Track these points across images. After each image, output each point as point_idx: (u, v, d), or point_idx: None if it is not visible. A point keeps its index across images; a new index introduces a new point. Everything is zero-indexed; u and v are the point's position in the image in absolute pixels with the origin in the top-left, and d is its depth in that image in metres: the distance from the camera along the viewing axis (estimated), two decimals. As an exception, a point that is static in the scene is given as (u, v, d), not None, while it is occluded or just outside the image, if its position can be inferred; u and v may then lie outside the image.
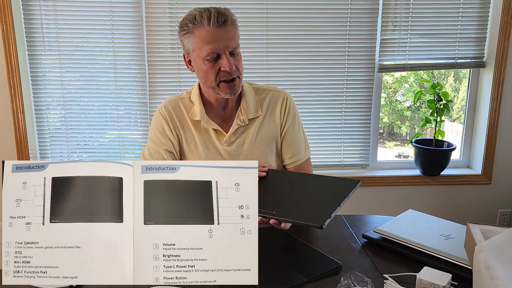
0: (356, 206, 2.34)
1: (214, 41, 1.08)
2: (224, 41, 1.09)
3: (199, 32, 1.09)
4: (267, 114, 1.26)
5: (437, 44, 2.26)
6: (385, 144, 3.61)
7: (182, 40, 1.15)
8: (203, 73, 1.14)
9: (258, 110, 1.25)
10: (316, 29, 2.20)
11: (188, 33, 1.11)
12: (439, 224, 1.07)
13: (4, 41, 2.07)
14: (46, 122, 2.27)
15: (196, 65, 1.16)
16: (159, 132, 1.23)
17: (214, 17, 1.07)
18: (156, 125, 1.25)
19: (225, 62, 1.10)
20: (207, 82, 1.15)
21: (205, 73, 1.14)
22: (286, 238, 1.03)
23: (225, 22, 1.09)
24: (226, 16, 1.09)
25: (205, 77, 1.15)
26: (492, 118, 2.30)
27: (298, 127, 1.30)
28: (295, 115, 1.29)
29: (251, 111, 1.23)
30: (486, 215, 2.43)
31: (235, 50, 1.13)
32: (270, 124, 1.26)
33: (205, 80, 1.15)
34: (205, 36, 1.09)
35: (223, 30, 1.09)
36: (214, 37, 1.09)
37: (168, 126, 1.23)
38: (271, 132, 1.26)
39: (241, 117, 1.22)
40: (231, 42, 1.11)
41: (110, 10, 2.13)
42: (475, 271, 0.72)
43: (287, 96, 1.29)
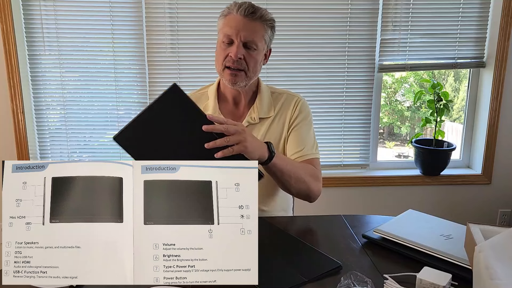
0: (356, 206, 2.34)
1: (233, 27, 1.13)
2: (242, 30, 1.13)
3: (228, 17, 1.15)
4: (278, 116, 1.27)
5: (437, 44, 2.27)
6: (385, 144, 3.61)
7: (218, 20, 1.20)
8: (216, 56, 1.19)
9: (270, 111, 1.26)
10: (316, 29, 2.20)
11: (222, 16, 1.18)
12: (439, 224, 1.07)
13: (4, 41, 2.07)
14: (46, 122, 2.27)
15: (217, 45, 1.20)
16: None
17: (243, 7, 1.13)
18: None
19: (233, 49, 1.13)
20: (217, 65, 1.19)
21: (217, 55, 1.18)
22: (286, 238, 1.03)
23: (252, 15, 1.13)
24: (256, 10, 1.14)
25: (216, 59, 1.19)
26: (492, 118, 2.30)
27: (307, 127, 1.28)
28: (306, 117, 1.28)
29: (263, 110, 1.25)
30: (486, 215, 2.43)
31: (251, 44, 1.15)
32: (279, 125, 1.26)
33: (216, 64, 1.20)
34: (229, 20, 1.15)
35: (246, 21, 1.13)
36: (234, 23, 1.13)
37: None
38: (279, 134, 1.26)
39: (252, 115, 1.24)
40: (249, 34, 1.13)
41: (110, 10, 2.13)
42: (475, 271, 0.72)
43: (300, 99, 1.30)
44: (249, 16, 1.13)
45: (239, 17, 1.13)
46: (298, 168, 1.15)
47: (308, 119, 1.29)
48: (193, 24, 2.16)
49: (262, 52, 1.19)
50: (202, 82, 2.16)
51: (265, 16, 1.16)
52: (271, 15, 1.19)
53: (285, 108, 1.28)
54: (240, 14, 1.13)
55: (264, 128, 1.25)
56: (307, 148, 1.25)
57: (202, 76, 2.20)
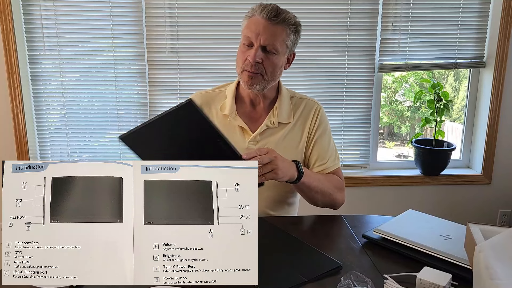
0: (356, 206, 2.34)
1: (253, 29, 1.12)
2: (262, 33, 1.11)
3: (251, 19, 1.14)
4: (298, 123, 1.25)
5: (437, 44, 2.27)
6: (385, 144, 3.61)
7: (242, 22, 1.19)
8: (237, 57, 1.18)
9: (290, 117, 1.25)
10: (316, 29, 2.20)
11: (246, 18, 1.17)
12: (439, 224, 1.07)
13: (4, 41, 2.07)
14: (46, 122, 2.27)
15: (239, 46, 1.19)
16: None
17: (266, 9, 1.11)
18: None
19: (251, 52, 1.12)
20: (237, 67, 1.19)
21: (238, 57, 1.18)
22: (286, 238, 1.03)
23: (274, 18, 1.11)
24: (279, 14, 1.12)
25: (237, 61, 1.18)
26: (492, 118, 2.30)
27: (328, 138, 1.29)
28: (326, 127, 1.28)
29: (283, 116, 1.23)
30: (486, 215, 2.43)
31: (271, 48, 1.13)
32: (298, 133, 1.25)
33: (236, 65, 1.19)
34: (252, 22, 1.14)
35: (268, 24, 1.11)
36: (255, 25, 1.12)
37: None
38: (297, 142, 1.25)
39: (272, 118, 1.22)
40: (269, 38, 1.11)
41: (110, 10, 2.13)
42: (475, 271, 0.72)
43: (320, 107, 1.29)
44: (272, 19, 1.11)
45: (261, 19, 1.11)
46: (325, 182, 1.18)
47: (328, 130, 1.29)
48: (193, 24, 2.16)
49: (283, 56, 1.17)
50: (202, 82, 2.17)
51: (288, 20, 1.13)
52: (296, 19, 1.17)
53: (305, 116, 1.26)
54: (263, 17, 1.11)
55: (282, 134, 1.23)
56: (331, 160, 1.27)
57: (202, 76, 2.20)
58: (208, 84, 2.18)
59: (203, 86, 1.33)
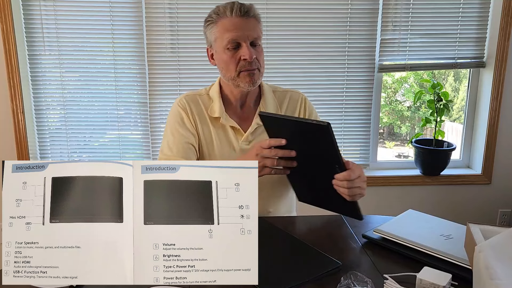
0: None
1: (235, 29, 1.11)
2: (245, 30, 1.12)
3: (222, 22, 1.13)
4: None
5: (437, 44, 2.27)
6: (385, 144, 3.61)
7: (206, 32, 1.18)
8: (224, 64, 1.16)
9: (277, 111, 1.26)
10: (316, 29, 2.20)
11: (211, 24, 1.16)
12: (439, 224, 1.06)
13: (4, 41, 2.07)
14: (46, 122, 2.27)
15: (218, 56, 1.17)
16: (178, 123, 1.21)
17: (237, 7, 1.12)
18: (175, 118, 1.23)
19: (245, 51, 1.12)
20: (227, 73, 1.16)
21: (226, 63, 1.15)
22: (286, 238, 1.03)
23: (247, 13, 1.12)
24: (249, 8, 1.13)
25: (225, 67, 1.16)
26: (492, 118, 2.30)
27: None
28: (313, 112, 1.31)
29: (270, 111, 1.24)
30: (486, 215, 2.43)
31: (256, 41, 1.14)
32: None
33: (226, 71, 1.16)
34: (227, 24, 1.12)
35: (244, 20, 1.12)
36: (235, 26, 1.12)
37: (188, 118, 1.22)
38: None
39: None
40: (252, 32, 1.13)
41: (110, 10, 2.13)
42: (475, 271, 0.72)
43: (304, 97, 1.32)
44: (246, 15, 1.13)
45: (236, 19, 1.12)
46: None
47: (316, 114, 1.33)
48: (193, 24, 2.16)
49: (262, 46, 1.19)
50: (202, 81, 2.17)
51: (255, 11, 1.16)
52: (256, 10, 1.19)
53: (292, 108, 1.29)
54: (236, 15, 1.12)
55: None
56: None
57: (202, 76, 2.20)
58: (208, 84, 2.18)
59: (203, 86, 1.32)
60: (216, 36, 1.15)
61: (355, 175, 0.97)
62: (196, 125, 1.22)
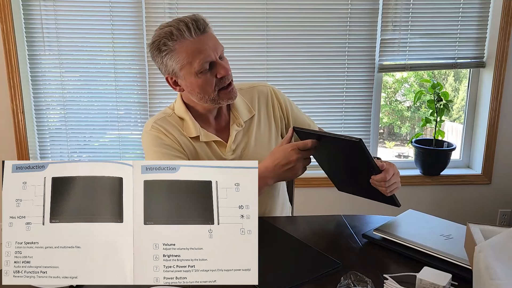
0: (356, 206, 2.34)
1: (203, 51, 1.02)
2: (212, 47, 1.04)
3: (182, 46, 1.02)
4: (261, 111, 1.23)
5: (437, 44, 2.27)
6: (385, 144, 3.61)
7: (163, 62, 1.06)
8: (199, 88, 1.07)
9: (250, 110, 1.21)
10: (316, 29, 2.20)
11: (169, 53, 1.03)
12: (439, 224, 1.07)
13: (4, 41, 2.07)
14: (46, 122, 2.27)
15: (187, 82, 1.07)
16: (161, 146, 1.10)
17: (193, 25, 1.01)
18: (153, 142, 1.11)
19: (221, 69, 1.05)
20: (205, 95, 1.08)
21: (202, 87, 1.06)
22: (286, 238, 1.03)
23: (205, 28, 1.04)
24: (203, 21, 1.04)
25: (202, 91, 1.07)
26: (492, 118, 2.30)
27: (295, 107, 1.32)
28: (286, 101, 1.29)
29: (244, 113, 1.19)
30: (486, 215, 2.43)
31: (222, 53, 1.08)
32: (266, 120, 1.24)
33: (203, 95, 1.08)
34: (192, 48, 1.02)
35: (207, 37, 1.04)
36: (201, 47, 1.02)
37: (169, 139, 1.12)
38: (268, 129, 1.24)
39: (236, 121, 1.18)
40: (218, 46, 1.06)
41: (110, 10, 2.13)
42: (475, 271, 0.72)
43: (272, 87, 1.28)
44: (205, 31, 1.03)
45: (198, 38, 1.02)
46: None
47: (289, 102, 1.30)
48: (193, 24, 2.16)
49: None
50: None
51: (206, 21, 1.06)
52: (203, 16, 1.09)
53: (264, 103, 1.24)
54: (197, 35, 1.02)
55: (253, 129, 1.20)
56: (310, 123, 1.32)
57: (202, 76, 2.20)
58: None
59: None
60: (182, 64, 1.04)
61: (389, 175, 1.01)
62: (180, 144, 1.13)
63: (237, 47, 2.20)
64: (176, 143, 1.13)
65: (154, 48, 1.05)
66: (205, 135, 1.15)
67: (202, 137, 1.14)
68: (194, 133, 1.13)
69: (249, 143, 1.20)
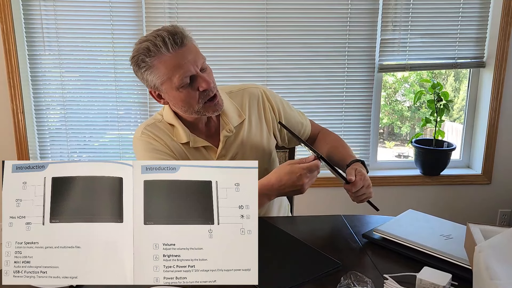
0: (356, 206, 2.34)
1: (183, 65, 1.00)
2: (191, 60, 1.01)
3: (161, 62, 1.00)
4: (252, 115, 1.21)
5: (437, 44, 2.27)
6: (385, 144, 3.61)
7: (144, 77, 1.05)
8: (182, 102, 1.06)
9: (240, 115, 1.19)
10: (316, 29, 2.20)
11: (148, 69, 1.02)
12: (439, 224, 1.07)
13: (4, 41, 2.07)
14: (46, 122, 2.27)
15: (170, 96, 1.06)
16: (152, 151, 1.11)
17: (170, 40, 0.98)
18: (145, 148, 1.12)
19: (202, 82, 1.03)
20: (189, 109, 1.07)
21: (184, 101, 1.05)
22: (286, 238, 1.03)
23: (183, 41, 1.00)
24: (181, 33, 1.01)
25: (185, 105, 1.06)
26: (492, 118, 2.30)
27: (288, 106, 1.29)
28: (280, 100, 1.27)
29: (234, 118, 1.17)
30: (486, 215, 2.43)
31: (204, 65, 1.05)
32: (258, 124, 1.21)
33: (187, 108, 1.07)
34: (170, 63, 1.00)
35: (185, 50, 1.01)
36: (180, 61, 1.00)
37: (161, 144, 1.12)
38: (262, 133, 1.22)
39: (226, 127, 1.15)
40: (198, 58, 1.03)
41: (110, 10, 2.13)
42: (475, 271, 0.72)
43: (263, 89, 1.25)
44: (183, 44, 1.00)
45: (176, 52, 0.99)
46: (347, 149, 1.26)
47: (282, 101, 1.28)
48: (193, 24, 2.16)
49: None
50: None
51: (185, 32, 1.03)
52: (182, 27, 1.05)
53: (255, 105, 1.21)
54: (174, 49, 0.99)
55: (243, 134, 1.18)
56: (304, 123, 1.33)
57: (202, 76, 2.20)
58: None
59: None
60: (162, 80, 1.02)
61: (356, 188, 1.06)
62: (171, 149, 1.13)
63: (237, 47, 2.20)
64: (167, 148, 1.12)
65: (134, 63, 1.04)
66: (195, 140, 1.14)
67: (192, 142, 1.13)
68: (185, 139, 1.12)
69: (240, 148, 1.18)
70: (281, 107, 1.26)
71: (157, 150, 1.11)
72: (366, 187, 1.08)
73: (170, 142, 1.13)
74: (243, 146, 1.18)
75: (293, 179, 0.98)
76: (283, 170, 1.00)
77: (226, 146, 1.16)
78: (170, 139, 1.14)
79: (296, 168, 0.98)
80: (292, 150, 1.51)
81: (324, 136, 1.36)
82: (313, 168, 0.98)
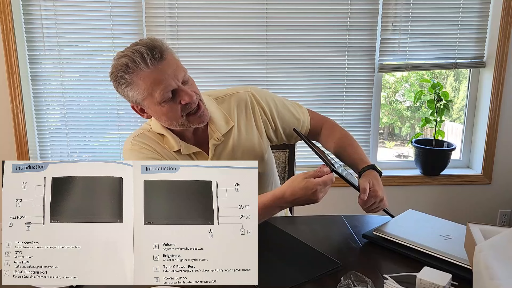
0: (356, 206, 2.34)
1: (162, 80, 0.97)
2: (171, 75, 0.98)
3: (140, 78, 0.97)
4: (241, 120, 1.17)
5: (437, 44, 2.27)
6: (385, 144, 3.61)
7: (124, 93, 1.03)
8: (165, 116, 1.04)
9: (228, 122, 1.15)
10: (316, 29, 2.20)
11: (128, 85, 1.00)
12: (439, 224, 1.07)
13: (4, 41, 2.07)
14: (46, 122, 2.27)
15: (153, 111, 1.04)
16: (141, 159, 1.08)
17: (149, 55, 0.95)
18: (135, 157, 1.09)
19: (184, 96, 1.00)
20: (173, 122, 1.05)
21: (167, 115, 1.03)
22: (286, 238, 1.03)
23: (162, 54, 0.97)
24: (160, 47, 0.98)
25: (169, 119, 1.04)
26: (492, 118, 2.30)
27: (281, 103, 1.24)
28: (270, 99, 1.22)
29: (222, 126, 1.14)
30: (486, 215, 2.43)
31: (185, 77, 1.02)
32: (249, 128, 1.18)
33: (171, 121, 1.05)
34: (150, 79, 0.97)
35: (165, 64, 0.98)
36: (161, 76, 0.97)
37: (153, 152, 1.10)
38: (254, 137, 1.18)
39: (214, 135, 1.13)
40: (179, 71, 1.00)
41: (110, 10, 2.13)
42: (475, 271, 0.72)
43: (251, 92, 1.20)
44: (162, 58, 0.97)
45: (155, 68, 0.96)
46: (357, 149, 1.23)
47: (274, 98, 1.23)
48: (193, 24, 2.16)
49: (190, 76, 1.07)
50: (202, 81, 2.17)
51: (165, 45, 1.00)
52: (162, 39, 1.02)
53: (242, 110, 1.18)
54: (153, 64, 0.96)
55: (233, 140, 1.15)
56: (299, 118, 1.25)
57: (201, 76, 2.20)
58: (208, 84, 2.18)
59: (203, 86, 1.31)
60: (143, 96, 1.00)
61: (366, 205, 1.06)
62: (163, 156, 1.11)
63: (237, 47, 2.20)
64: (159, 155, 1.11)
65: (113, 79, 1.03)
66: (187, 147, 1.12)
67: (183, 150, 1.11)
68: (176, 147, 1.11)
69: (231, 154, 1.15)
70: (273, 108, 1.21)
71: (149, 157, 1.09)
72: (378, 202, 1.06)
73: (161, 149, 1.12)
74: (234, 153, 1.15)
75: (308, 195, 0.94)
76: (297, 184, 0.95)
77: (216, 154, 1.14)
78: (161, 147, 1.12)
79: (311, 184, 0.94)
80: (292, 149, 1.51)
81: (329, 132, 1.28)
82: (328, 182, 0.95)
